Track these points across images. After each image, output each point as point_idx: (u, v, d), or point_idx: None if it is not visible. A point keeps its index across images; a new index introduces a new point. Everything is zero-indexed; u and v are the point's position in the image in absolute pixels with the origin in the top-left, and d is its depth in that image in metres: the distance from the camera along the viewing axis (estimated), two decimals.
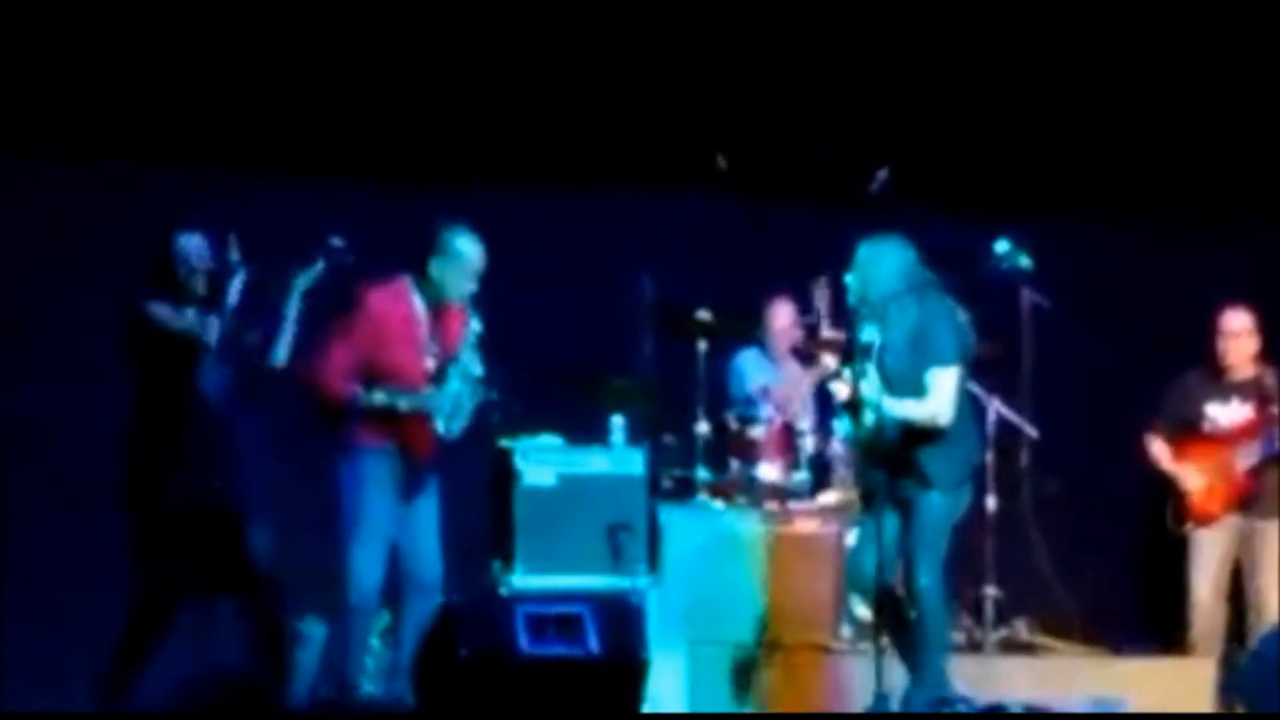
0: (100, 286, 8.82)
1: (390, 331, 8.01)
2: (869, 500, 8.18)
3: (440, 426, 8.04)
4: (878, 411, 7.92)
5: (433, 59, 10.00)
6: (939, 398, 7.95)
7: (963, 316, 8.11)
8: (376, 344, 7.98)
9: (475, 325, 8.10)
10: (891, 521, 8.02)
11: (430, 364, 8.05)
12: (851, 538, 8.62)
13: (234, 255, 8.06)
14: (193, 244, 8.13)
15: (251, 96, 9.70)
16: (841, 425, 8.38)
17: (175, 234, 8.14)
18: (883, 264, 8.06)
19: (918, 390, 7.95)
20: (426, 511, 8.11)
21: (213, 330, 7.97)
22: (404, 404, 7.97)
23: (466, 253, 8.05)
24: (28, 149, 9.29)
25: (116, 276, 8.47)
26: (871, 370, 7.99)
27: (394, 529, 8.01)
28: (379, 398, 7.95)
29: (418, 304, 8.06)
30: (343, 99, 9.87)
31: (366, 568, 7.94)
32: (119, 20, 9.43)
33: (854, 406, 8.04)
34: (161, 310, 8.04)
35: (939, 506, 8.01)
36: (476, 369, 8.10)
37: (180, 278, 8.08)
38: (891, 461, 8.00)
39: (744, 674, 8.72)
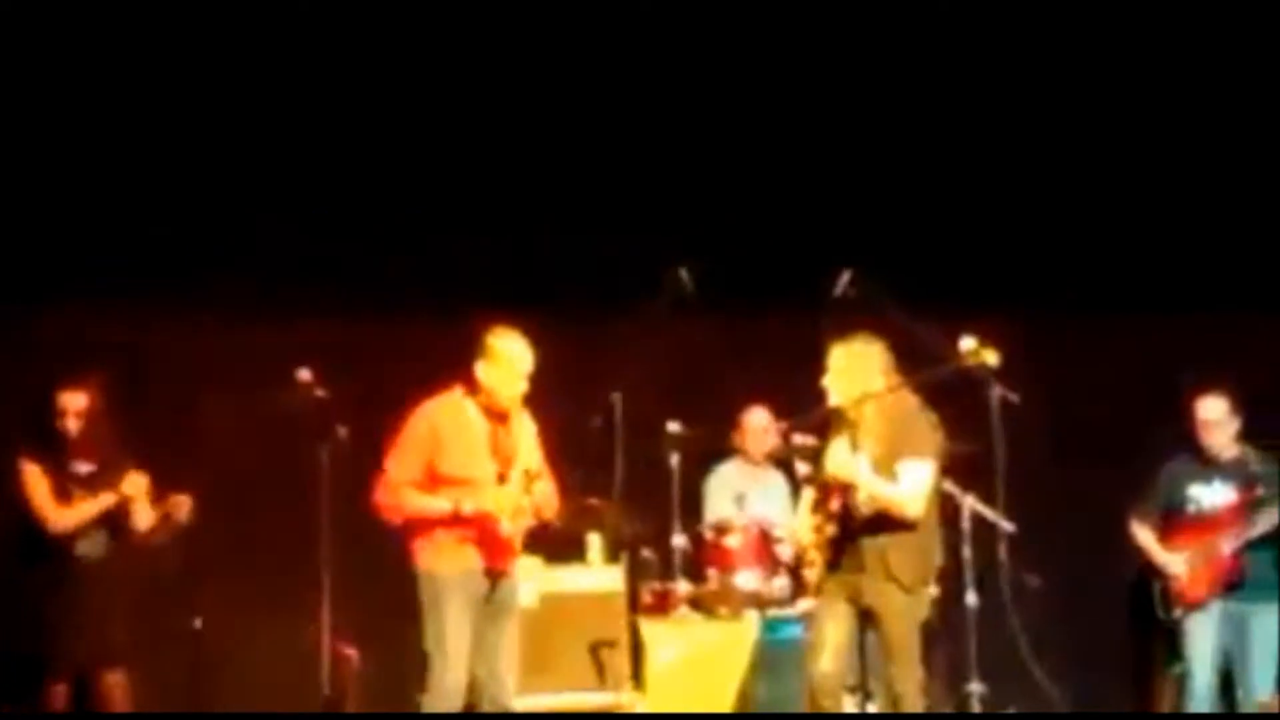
0: None
1: (448, 440, 8.03)
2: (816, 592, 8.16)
3: (505, 526, 8.02)
4: (847, 497, 7.93)
5: (398, 187, 10.11)
6: (912, 489, 7.96)
7: (932, 417, 8.15)
8: (436, 455, 8.01)
9: (529, 424, 8.19)
10: (845, 624, 8.00)
11: (493, 469, 8.07)
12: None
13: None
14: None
15: (208, 230, 9.86)
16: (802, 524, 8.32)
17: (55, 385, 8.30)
18: (858, 364, 8.11)
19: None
20: (504, 633, 8.11)
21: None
22: (468, 506, 7.96)
23: (513, 354, 8.11)
24: None
25: None
26: (847, 450, 7.99)
27: (473, 650, 8.01)
28: (440, 503, 7.96)
29: (473, 412, 8.11)
30: (308, 231, 9.97)
31: (454, 689, 7.93)
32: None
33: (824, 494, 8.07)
34: (31, 470, 8.15)
35: (906, 607, 7.98)
36: (534, 462, 8.13)
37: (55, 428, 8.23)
38: (855, 558, 7.95)
39: None
